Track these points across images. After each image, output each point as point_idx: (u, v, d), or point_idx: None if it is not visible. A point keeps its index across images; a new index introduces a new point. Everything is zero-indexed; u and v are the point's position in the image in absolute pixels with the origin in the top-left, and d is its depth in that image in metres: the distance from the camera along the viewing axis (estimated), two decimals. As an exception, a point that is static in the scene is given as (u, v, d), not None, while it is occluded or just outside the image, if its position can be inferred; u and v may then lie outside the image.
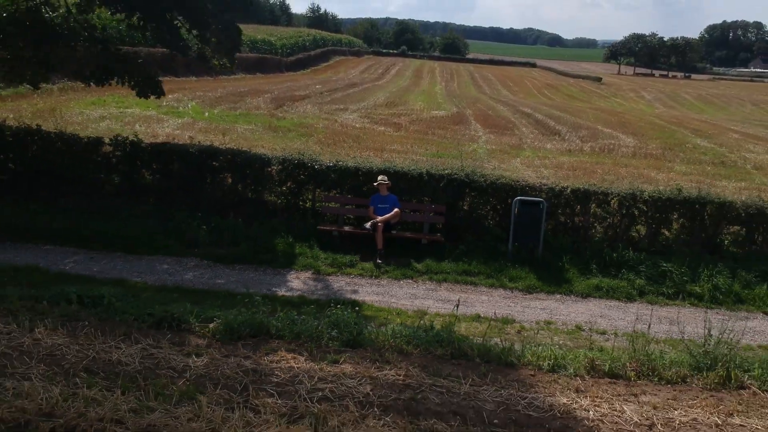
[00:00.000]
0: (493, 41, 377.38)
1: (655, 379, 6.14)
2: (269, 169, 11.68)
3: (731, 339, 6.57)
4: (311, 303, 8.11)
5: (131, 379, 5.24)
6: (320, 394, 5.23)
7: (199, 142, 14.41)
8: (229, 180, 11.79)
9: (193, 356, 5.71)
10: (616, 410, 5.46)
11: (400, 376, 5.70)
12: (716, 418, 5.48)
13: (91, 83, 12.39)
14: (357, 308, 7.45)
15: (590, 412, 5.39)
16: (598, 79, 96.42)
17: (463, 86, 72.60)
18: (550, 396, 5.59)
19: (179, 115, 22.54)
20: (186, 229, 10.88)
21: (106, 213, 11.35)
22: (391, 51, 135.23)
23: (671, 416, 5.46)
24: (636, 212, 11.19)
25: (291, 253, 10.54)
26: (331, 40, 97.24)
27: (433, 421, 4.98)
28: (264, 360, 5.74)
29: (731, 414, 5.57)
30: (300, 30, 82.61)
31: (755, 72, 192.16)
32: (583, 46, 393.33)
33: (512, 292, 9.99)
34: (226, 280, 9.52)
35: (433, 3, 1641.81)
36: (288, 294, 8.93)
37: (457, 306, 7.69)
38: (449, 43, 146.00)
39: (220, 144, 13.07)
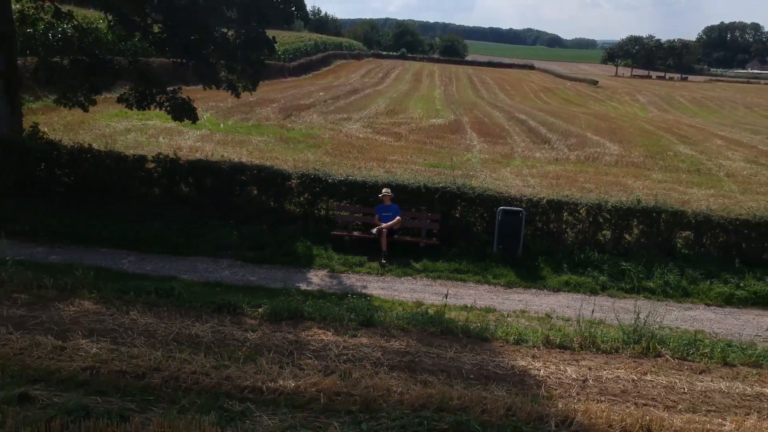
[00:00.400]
0: (493, 41, 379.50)
1: (594, 349, 8.19)
2: (289, 183, 13.71)
3: (654, 322, 8.62)
4: (330, 295, 10.15)
5: (207, 347, 7.30)
6: (345, 357, 7.28)
7: (223, 156, 16.48)
8: (255, 192, 13.81)
9: (250, 331, 7.76)
10: (560, 370, 7.52)
11: (402, 346, 7.76)
12: (634, 376, 7.53)
13: (134, 107, 14.46)
14: (367, 299, 9.48)
15: (541, 371, 7.45)
16: (595, 82, 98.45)
17: (461, 90, 74.55)
18: (513, 360, 7.65)
19: (197, 127, 24.49)
20: (219, 235, 12.89)
21: (149, 221, 13.32)
22: (391, 53, 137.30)
23: (601, 374, 7.52)
24: (601, 220, 13.23)
25: (309, 255, 12.56)
26: (332, 44, 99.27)
27: (426, 375, 7.04)
28: (302, 334, 7.79)
29: (646, 373, 7.63)
30: (301, 35, 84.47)
31: (752, 73, 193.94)
32: (583, 46, 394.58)
33: (495, 287, 12.01)
34: (257, 277, 11.54)
35: (432, 3, 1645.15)
36: (310, 288, 10.95)
37: (446, 297, 9.74)
38: (448, 46, 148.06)
39: (240, 157, 15.06)
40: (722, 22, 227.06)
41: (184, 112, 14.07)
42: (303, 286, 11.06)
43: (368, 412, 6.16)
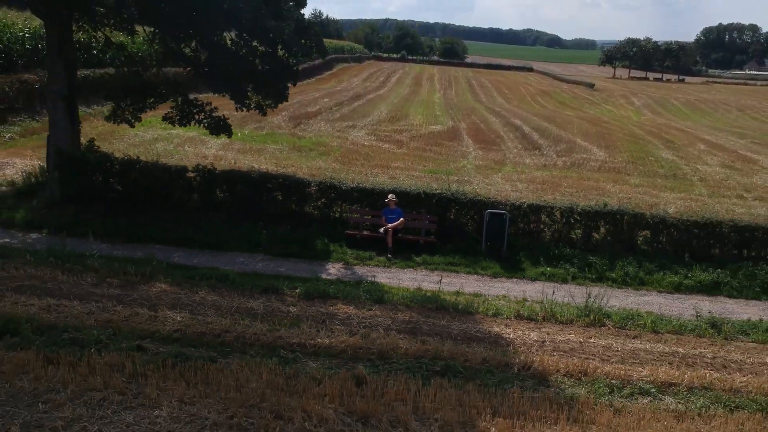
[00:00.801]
0: (492, 42, 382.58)
1: (554, 321, 10.72)
2: (309, 189, 16.22)
3: (605, 302, 11.15)
4: (347, 282, 12.65)
5: (261, 317, 9.82)
6: (363, 324, 9.80)
7: (246, 164, 18.98)
8: (279, 197, 16.32)
9: (291, 306, 10.29)
10: (525, 335, 10.05)
11: (406, 317, 10.28)
12: (581, 339, 10.06)
13: (176, 124, 16.98)
14: (377, 285, 11.97)
15: (511, 335, 9.97)
16: (591, 85, 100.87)
17: (460, 94, 77.01)
18: (490, 328, 10.18)
19: (216, 136, 27.03)
20: (251, 234, 15.38)
21: (191, 223, 15.80)
22: (391, 56, 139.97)
23: (556, 338, 10.04)
24: (573, 221, 15.74)
25: (327, 250, 15.05)
26: (333, 48, 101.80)
27: (424, 336, 9.56)
28: (330, 308, 10.32)
29: (590, 337, 10.15)
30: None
31: (750, 74, 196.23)
32: (582, 46, 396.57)
33: (483, 277, 14.49)
34: (285, 268, 14.02)
35: (432, 3, 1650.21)
36: (330, 277, 13.43)
37: (440, 282, 12.24)
38: (448, 48, 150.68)
39: (259, 165, 17.52)
40: (720, 24, 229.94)
41: (220, 128, 16.60)
42: (324, 275, 13.55)
43: (383, 360, 8.69)
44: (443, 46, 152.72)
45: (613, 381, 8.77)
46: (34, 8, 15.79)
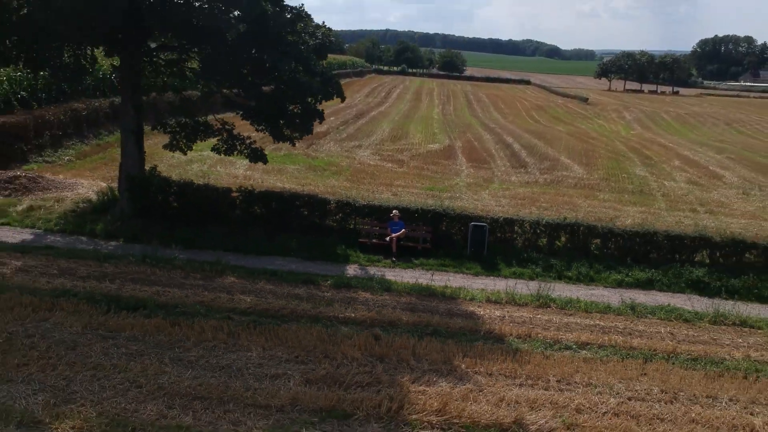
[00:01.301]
0: (492, 52, 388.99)
1: (513, 304, 15.02)
2: (329, 206, 20.51)
3: (549, 291, 15.45)
4: (362, 278, 16.92)
5: (305, 299, 14.11)
6: (377, 304, 14.11)
7: (279, 185, 23.25)
8: (306, 213, 20.60)
9: (325, 292, 14.61)
10: (492, 312, 14.35)
11: (407, 300, 14.60)
12: (531, 315, 14.36)
13: (222, 154, 21.29)
14: (385, 280, 16.23)
15: (481, 313, 14.28)
16: (585, 99, 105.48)
17: (458, 109, 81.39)
18: (467, 308, 14.49)
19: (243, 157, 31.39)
20: (284, 243, 19.65)
21: (234, 233, 20.06)
22: (392, 69, 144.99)
23: (513, 314, 14.34)
24: (539, 231, 20.03)
25: (344, 255, 19.30)
26: (336, 63, 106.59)
27: (419, 312, 13.87)
28: (353, 294, 14.64)
29: (538, 315, 14.45)
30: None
31: (744, 86, 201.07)
32: (581, 56, 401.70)
33: (467, 275, 18.70)
34: (314, 269, 18.26)
35: (432, 13, 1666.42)
36: (349, 274, 17.69)
37: (432, 278, 16.56)
38: (447, 61, 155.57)
39: (283, 184, 21.73)
40: (716, 35, 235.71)
41: (257, 157, 20.92)
42: (345, 273, 17.84)
43: (391, 326, 12.99)
44: (442, 59, 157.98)
45: (547, 341, 13.04)
46: (118, 58, 20.10)
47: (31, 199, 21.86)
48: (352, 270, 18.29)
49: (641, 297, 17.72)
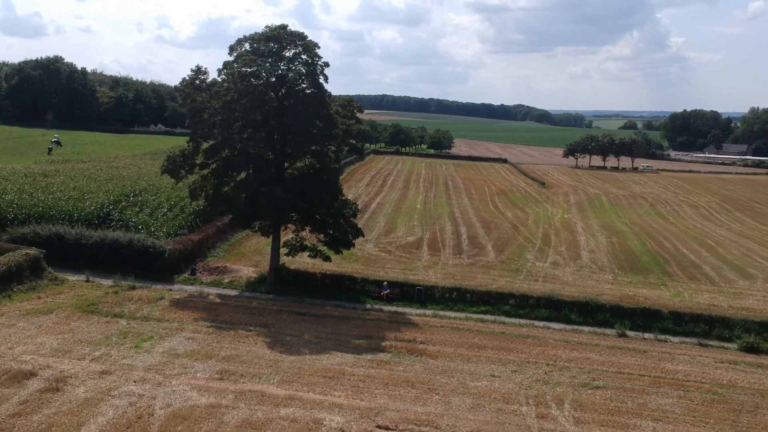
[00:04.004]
0: (486, 116, 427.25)
1: (435, 317, 46.08)
2: (357, 281, 51.53)
3: (444, 314, 46.68)
4: (371, 309, 47.69)
5: (350, 312, 45.13)
6: (377, 318, 45.08)
7: (332, 269, 54.56)
8: (348, 283, 51.54)
9: (362, 311, 45.63)
10: (425, 320, 45.41)
11: (387, 317, 45.61)
12: (436, 320, 45.39)
13: (290, 255, 52.52)
14: (382, 308, 47.07)
15: (418, 321, 45.28)
16: (543, 184, 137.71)
17: (438, 196, 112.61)
18: (409, 319, 45.50)
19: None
20: (339, 297, 50.56)
21: (321, 294, 50.84)
22: (388, 150, 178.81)
23: (431, 319, 45.38)
24: (447, 290, 51.01)
25: (364, 301, 50.17)
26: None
27: (394, 322, 44.83)
28: (363, 313, 45.68)
29: (435, 319, 45.44)
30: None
31: (708, 157, 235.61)
32: (571, 119, 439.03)
33: (414, 309, 49.42)
34: (351, 306, 49.12)
35: (428, 76, 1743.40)
36: (366, 308, 48.42)
37: (398, 309, 47.70)
38: (436, 141, 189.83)
39: (329, 267, 52.55)
40: (685, 110, 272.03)
41: (320, 254, 52.08)
42: (364, 307, 48.58)
43: (379, 321, 44.03)
44: (431, 140, 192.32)
45: (438, 326, 43.89)
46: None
47: (227, 276, 52.93)
48: (368, 306, 49.11)
49: (487, 317, 48.45)
